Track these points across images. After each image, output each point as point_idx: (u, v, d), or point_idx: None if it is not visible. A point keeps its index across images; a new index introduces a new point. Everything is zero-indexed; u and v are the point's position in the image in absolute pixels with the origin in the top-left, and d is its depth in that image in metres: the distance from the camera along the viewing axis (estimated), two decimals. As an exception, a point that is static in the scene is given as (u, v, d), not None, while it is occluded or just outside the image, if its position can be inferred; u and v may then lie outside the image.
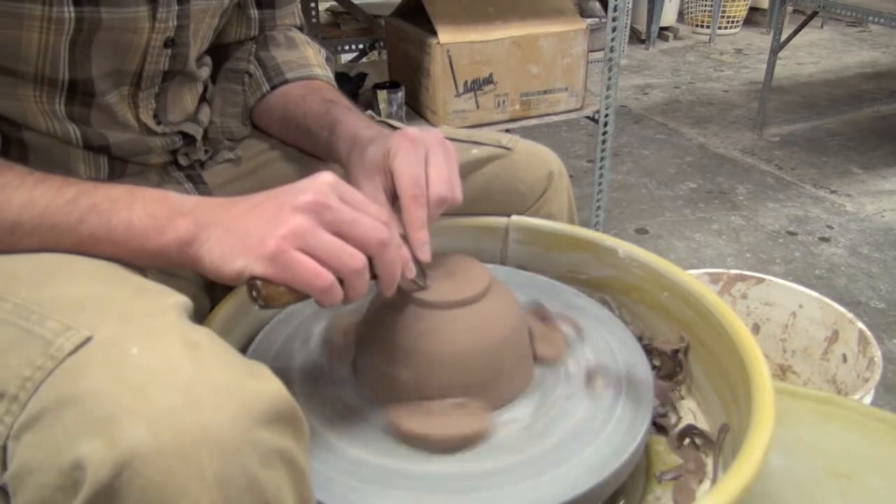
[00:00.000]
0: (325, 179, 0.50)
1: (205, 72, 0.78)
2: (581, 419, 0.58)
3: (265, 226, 0.48)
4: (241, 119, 0.83)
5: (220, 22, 0.76)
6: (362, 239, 0.50)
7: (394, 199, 0.62)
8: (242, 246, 0.48)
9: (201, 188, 0.76)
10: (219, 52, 0.84)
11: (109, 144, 0.67)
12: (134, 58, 0.65)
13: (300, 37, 0.86)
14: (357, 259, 0.49)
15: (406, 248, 0.56)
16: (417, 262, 0.58)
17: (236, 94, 0.82)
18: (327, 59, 0.88)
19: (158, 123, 0.71)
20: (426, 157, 0.61)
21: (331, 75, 0.85)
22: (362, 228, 0.50)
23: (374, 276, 0.52)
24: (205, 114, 0.79)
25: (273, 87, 0.81)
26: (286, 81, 0.81)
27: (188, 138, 0.75)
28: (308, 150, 0.80)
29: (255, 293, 0.49)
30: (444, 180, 0.60)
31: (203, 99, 0.81)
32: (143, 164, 0.72)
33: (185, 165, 0.76)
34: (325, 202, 0.49)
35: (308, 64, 0.83)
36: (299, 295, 0.49)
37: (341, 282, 0.49)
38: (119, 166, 0.70)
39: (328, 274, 0.48)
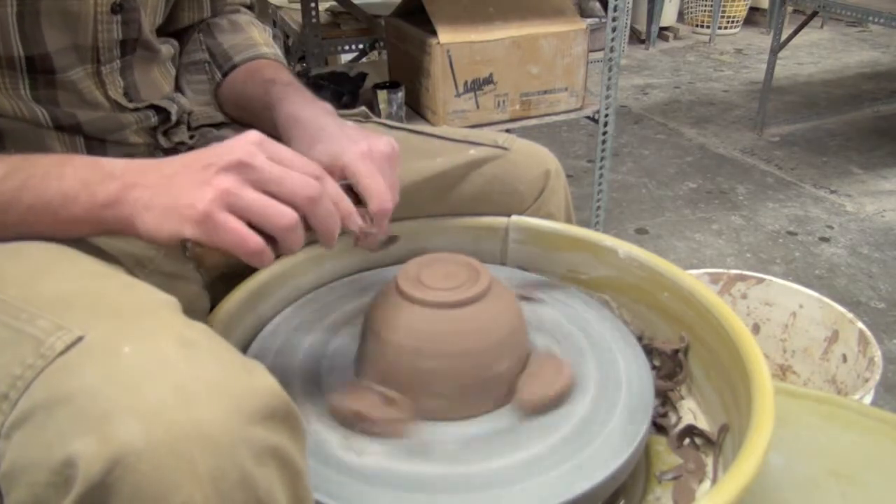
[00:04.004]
0: (251, 139, 0.51)
1: (167, 49, 0.77)
2: (581, 419, 0.58)
3: (192, 188, 0.48)
4: (214, 105, 0.84)
5: None
6: (290, 195, 0.50)
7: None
8: (173, 209, 0.49)
9: None
10: (177, 41, 0.84)
11: (80, 123, 0.67)
12: (86, 27, 0.64)
13: (244, 18, 0.87)
14: (287, 216, 0.49)
15: (348, 200, 0.56)
16: (366, 211, 0.59)
17: (203, 83, 0.83)
18: (274, 37, 0.89)
19: (130, 101, 0.71)
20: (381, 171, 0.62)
21: (279, 52, 0.86)
22: (289, 185, 0.50)
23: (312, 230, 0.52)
24: (183, 98, 0.79)
25: (225, 74, 0.82)
26: (235, 66, 0.82)
27: (163, 114, 0.74)
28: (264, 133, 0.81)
29: (187, 254, 0.49)
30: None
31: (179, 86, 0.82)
32: (121, 143, 0.71)
33: (168, 149, 0.76)
34: (250, 162, 0.49)
35: (254, 44, 0.84)
36: (231, 255, 0.50)
37: (275, 239, 0.50)
38: (97, 146, 0.69)
39: (255, 238, 0.48)
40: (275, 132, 0.74)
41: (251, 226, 0.49)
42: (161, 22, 0.77)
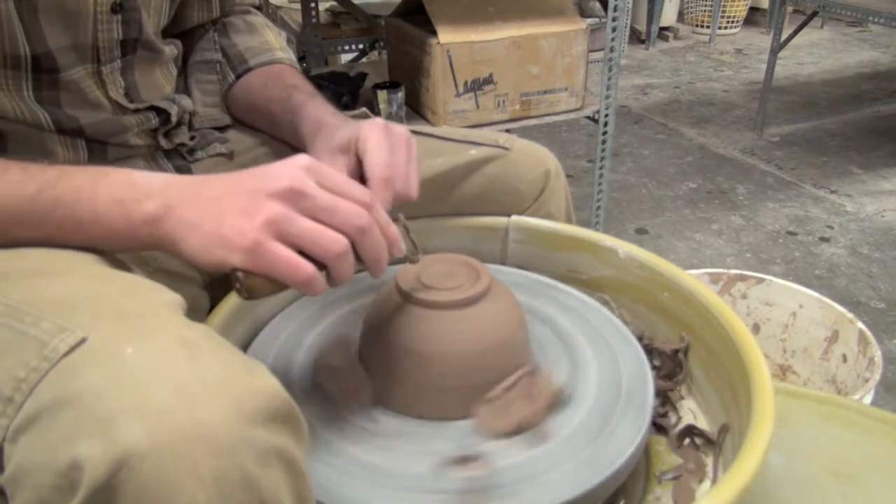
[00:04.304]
0: (301, 163, 0.50)
1: (171, 50, 0.77)
2: (580, 420, 0.58)
3: (241, 215, 0.47)
4: (221, 107, 0.83)
5: None
6: (341, 225, 0.49)
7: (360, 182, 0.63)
8: (220, 236, 0.48)
9: None
10: (185, 41, 0.83)
11: (82, 126, 0.66)
12: (86, 26, 0.64)
13: (259, 20, 0.87)
14: (339, 243, 0.48)
15: (395, 227, 0.55)
16: (409, 236, 0.58)
17: (212, 84, 0.83)
18: (288, 41, 0.89)
19: (131, 102, 0.70)
20: (392, 151, 0.62)
21: (293, 57, 0.86)
22: (341, 214, 0.49)
23: (360, 259, 0.51)
24: (186, 101, 0.78)
25: (238, 77, 0.82)
26: (250, 69, 0.82)
27: (163, 115, 0.74)
28: (275, 136, 0.81)
29: (238, 285, 0.48)
30: (402, 176, 0.62)
31: (182, 86, 0.81)
32: (123, 145, 0.71)
33: (169, 150, 0.75)
34: (301, 189, 0.48)
35: (270, 48, 0.84)
36: (283, 284, 0.49)
37: (325, 267, 0.49)
38: (98, 149, 0.69)
39: (308, 266, 0.48)
40: (289, 136, 0.74)
41: (300, 254, 0.48)
42: (166, 23, 0.76)
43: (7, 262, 0.49)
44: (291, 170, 0.49)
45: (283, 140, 0.79)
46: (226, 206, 0.48)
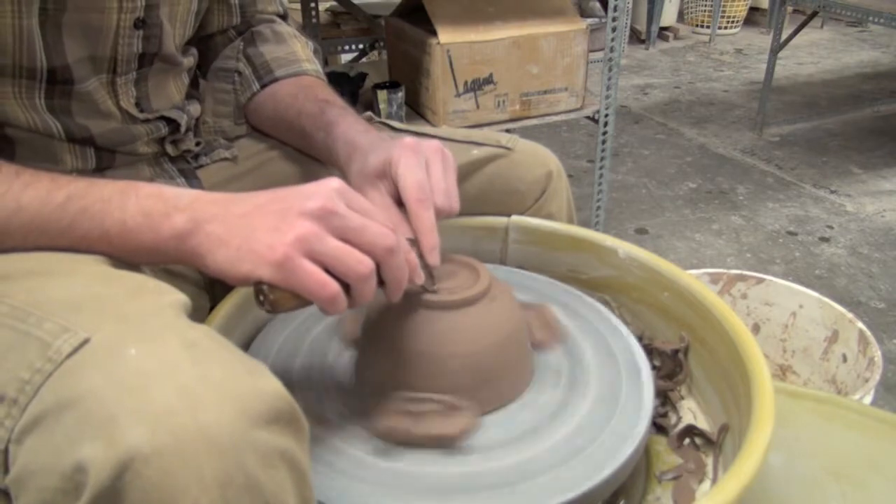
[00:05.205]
0: (333, 185, 0.50)
1: (189, 61, 0.77)
2: (580, 419, 0.58)
3: (271, 231, 0.48)
4: (233, 118, 0.82)
5: (202, 6, 0.76)
6: (370, 245, 0.49)
7: (398, 205, 0.62)
8: (249, 250, 0.48)
9: (194, 184, 0.75)
10: (206, 46, 0.83)
11: (93, 135, 0.66)
12: (106, 40, 0.64)
13: (287, 30, 0.86)
14: (364, 265, 0.49)
15: (413, 253, 0.56)
16: (426, 266, 0.58)
17: (227, 94, 0.82)
18: (315, 51, 0.88)
19: (141, 111, 0.70)
20: (426, 167, 0.62)
21: (320, 69, 0.85)
22: (370, 235, 0.49)
23: (381, 283, 0.52)
24: (194, 107, 0.78)
25: (263, 86, 0.81)
26: (276, 79, 0.81)
27: (173, 125, 0.74)
28: (303, 150, 0.80)
29: (261, 298, 0.49)
30: (441, 191, 0.61)
31: (192, 92, 0.81)
32: (131, 153, 0.71)
33: (175, 156, 0.75)
34: (333, 208, 0.49)
35: (297, 59, 0.83)
36: (306, 300, 0.49)
37: (348, 287, 0.49)
38: (106, 157, 0.69)
39: (334, 284, 0.48)
40: (322, 154, 0.74)
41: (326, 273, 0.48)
42: (191, 34, 0.76)
43: (10, 263, 0.50)
44: (324, 190, 0.50)
45: (312, 155, 0.79)
46: (256, 224, 0.49)
